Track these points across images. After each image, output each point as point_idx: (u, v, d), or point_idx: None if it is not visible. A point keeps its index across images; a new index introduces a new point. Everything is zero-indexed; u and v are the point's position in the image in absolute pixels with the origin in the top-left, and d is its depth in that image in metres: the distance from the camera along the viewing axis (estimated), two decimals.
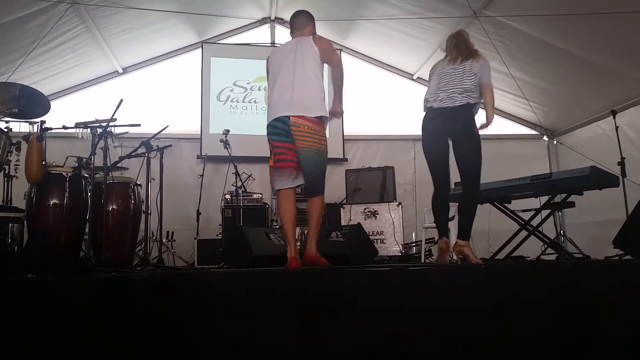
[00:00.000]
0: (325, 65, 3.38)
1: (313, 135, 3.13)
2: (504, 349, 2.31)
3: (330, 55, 3.35)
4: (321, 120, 3.20)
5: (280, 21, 7.32)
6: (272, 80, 3.31)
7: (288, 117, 3.12)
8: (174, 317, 2.17)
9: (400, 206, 5.85)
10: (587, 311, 2.41)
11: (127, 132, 4.35)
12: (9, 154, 3.73)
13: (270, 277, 2.49)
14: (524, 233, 4.24)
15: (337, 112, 3.40)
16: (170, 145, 4.80)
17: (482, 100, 3.54)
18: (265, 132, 3.30)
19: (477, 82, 3.48)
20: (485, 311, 2.36)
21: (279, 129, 3.17)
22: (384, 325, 2.28)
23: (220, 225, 5.81)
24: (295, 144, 3.14)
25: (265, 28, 7.36)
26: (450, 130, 3.50)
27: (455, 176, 3.78)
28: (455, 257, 3.74)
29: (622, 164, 4.80)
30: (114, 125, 3.66)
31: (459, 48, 3.61)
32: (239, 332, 2.19)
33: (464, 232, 3.41)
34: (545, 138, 7.56)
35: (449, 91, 3.49)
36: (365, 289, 2.37)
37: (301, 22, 3.46)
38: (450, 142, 3.52)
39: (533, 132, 7.55)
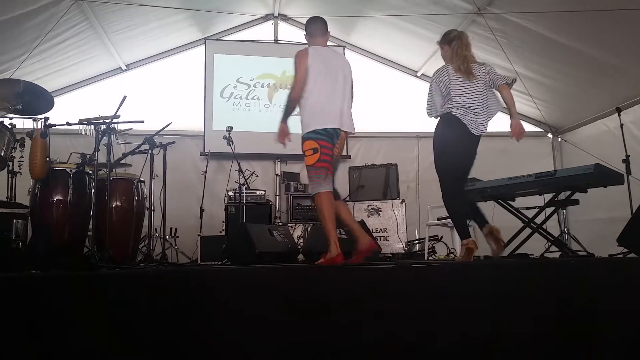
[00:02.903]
0: None
1: (343, 147, 3.58)
2: (506, 347, 2.31)
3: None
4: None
5: (284, 18, 7.31)
6: (319, 82, 3.34)
7: (340, 130, 3.36)
8: (178, 313, 2.17)
9: (403, 203, 5.83)
10: (590, 309, 2.40)
11: (130, 129, 4.35)
12: (12, 151, 3.74)
13: (273, 274, 2.49)
14: (527, 230, 4.23)
15: None
16: (174, 142, 4.78)
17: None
18: (267, 129, 3.49)
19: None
20: (488, 309, 2.36)
21: (329, 134, 3.32)
22: (386, 322, 2.28)
23: (223, 222, 5.81)
24: (333, 151, 3.37)
25: (269, 24, 7.35)
26: None
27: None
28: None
29: (627, 161, 4.78)
30: (118, 122, 3.66)
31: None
32: (241, 329, 2.19)
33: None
34: (549, 135, 7.52)
35: None
36: (368, 287, 2.37)
37: (323, 28, 3.57)
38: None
39: (537, 129, 7.51)
